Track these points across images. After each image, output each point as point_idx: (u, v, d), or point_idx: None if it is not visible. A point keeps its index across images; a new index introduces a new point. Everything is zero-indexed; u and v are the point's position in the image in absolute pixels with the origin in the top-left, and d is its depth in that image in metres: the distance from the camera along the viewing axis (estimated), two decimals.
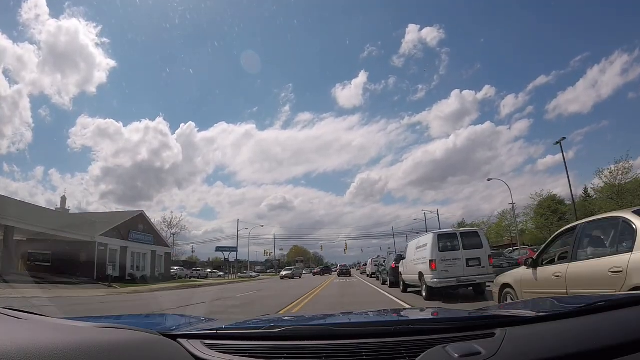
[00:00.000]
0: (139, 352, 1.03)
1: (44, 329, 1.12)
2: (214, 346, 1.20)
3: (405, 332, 1.25)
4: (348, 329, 1.41)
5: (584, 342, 1.08)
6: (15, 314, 1.23)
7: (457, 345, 1.09)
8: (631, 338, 1.06)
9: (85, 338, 1.02)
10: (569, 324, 1.24)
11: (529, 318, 1.33)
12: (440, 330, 1.27)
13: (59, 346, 0.90)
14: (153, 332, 1.23)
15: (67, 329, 1.18)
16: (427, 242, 10.43)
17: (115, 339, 1.05)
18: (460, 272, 9.59)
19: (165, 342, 1.16)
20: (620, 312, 1.29)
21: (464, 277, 9.60)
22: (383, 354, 1.12)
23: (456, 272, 9.57)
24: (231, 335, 1.35)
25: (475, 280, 9.68)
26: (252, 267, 72.34)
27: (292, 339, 1.25)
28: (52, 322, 1.25)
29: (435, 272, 9.63)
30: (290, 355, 1.14)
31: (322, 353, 1.13)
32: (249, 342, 1.25)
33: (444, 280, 9.57)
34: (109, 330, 1.16)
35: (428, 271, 9.88)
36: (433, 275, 9.68)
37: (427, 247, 10.19)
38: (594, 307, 1.36)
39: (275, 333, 1.29)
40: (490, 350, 1.04)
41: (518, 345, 1.09)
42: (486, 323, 1.31)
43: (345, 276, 36.67)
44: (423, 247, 10.70)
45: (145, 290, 21.16)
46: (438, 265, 9.62)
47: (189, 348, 1.17)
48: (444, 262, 9.64)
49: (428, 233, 11.68)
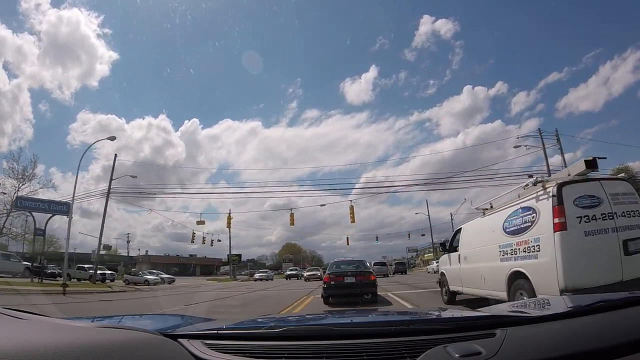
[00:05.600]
0: (140, 352, 1.03)
1: (44, 329, 1.12)
2: (215, 346, 1.20)
3: (405, 332, 1.25)
4: (348, 329, 1.41)
5: (584, 342, 1.08)
6: (15, 314, 1.23)
7: (458, 345, 1.09)
8: (631, 338, 1.07)
9: (86, 338, 1.02)
10: (569, 324, 1.24)
11: (530, 318, 1.33)
12: (440, 330, 1.28)
13: (59, 346, 0.90)
14: (153, 332, 1.23)
15: (68, 329, 1.18)
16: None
17: (116, 339, 1.05)
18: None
19: (165, 342, 1.16)
20: (620, 312, 1.29)
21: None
22: (383, 354, 1.12)
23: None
24: (232, 335, 1.35)
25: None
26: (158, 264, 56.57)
27: (293, 339, 1.25)
28: (52, 322, 1.25)
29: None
30: (290, 355, 1.15)
31: (322, 353, 1.14)
32: (249, 342, 1.25)
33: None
34: (109, 330, 1.16)
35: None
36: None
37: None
38: (594, 307, 1.37)
39: (275, 333, 1.29)
40: (490, 350, 1.04)
41: (518, 345, 1.10)
42: (486, 323, 1.31)
43: None
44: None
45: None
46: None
47: (190, 348, 1.17)
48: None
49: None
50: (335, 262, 12.93)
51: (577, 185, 5.32)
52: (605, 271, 4.85)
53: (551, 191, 5.25)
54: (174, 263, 69.40)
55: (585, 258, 4.86)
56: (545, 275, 5.08)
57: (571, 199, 5.09)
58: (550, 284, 4.94)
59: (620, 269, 4.88)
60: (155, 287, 28.90)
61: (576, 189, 5.22)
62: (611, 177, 6.05)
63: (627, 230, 5.06)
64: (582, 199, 5.11)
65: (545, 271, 5.09)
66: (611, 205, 5.12)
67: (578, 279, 4.77)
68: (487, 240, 6.80)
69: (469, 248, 7.79)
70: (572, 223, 4.97)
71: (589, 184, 5.35)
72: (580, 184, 5.36)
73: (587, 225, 4.99)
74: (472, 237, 7.76)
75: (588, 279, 4.76)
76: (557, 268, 4.87)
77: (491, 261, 6.49)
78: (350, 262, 12.59)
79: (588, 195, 5.14)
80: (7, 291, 14.07)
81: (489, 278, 6.55)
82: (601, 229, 5.01)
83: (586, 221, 5.00)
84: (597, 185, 5.28)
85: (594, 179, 5.51)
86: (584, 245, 4.91)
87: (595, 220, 5.02)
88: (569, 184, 5.30)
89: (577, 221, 4.99)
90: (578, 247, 4.90)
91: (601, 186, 5.26)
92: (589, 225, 4.99)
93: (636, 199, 5.35)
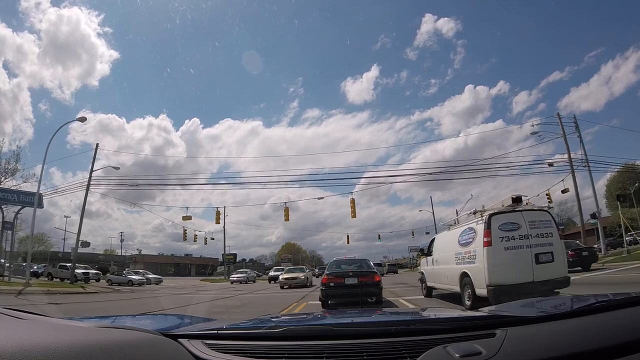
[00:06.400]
0: (140, 352, 1.03)
1: (44, 329, 1.12)
2: (215, 346, 1.20)
3: (405, 332, 1.26)
4: (349, 329, 1.41)
5: (584, 342, 1.08)
6: (15, 313, 1.23)
7: (458, 345, 1.09)
8: (631, 338, 1.07)
9: (86, 338, 1.02)
10: (569, 324, 1.24)
11: (530, 318, 1.33)
12: (440, 330, 1.28)
13: (59, 346, 0.90)
14: (154, 332, 1.23)
15: (68, 329, 1.18)
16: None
17: (116, 339, 1.05)
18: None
19: (165, 342, 1.16)
20: (620, 312, 1.29)
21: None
22: (384, 354, 1.12)
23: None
24: (232, 335, 1.35)
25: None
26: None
27: (293, 339, 1.25)
28: (52, 322, 1.25)
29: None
30: (291, 355, 1.15)
31: (322, 353, 1.14)
32: (250, 342, 1.25)
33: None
34: (109, 330, 1.16)
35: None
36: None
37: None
38: (594, 307, 1.37)
39: (276, 333, 1.29)
40: (491, 350, 1.04)
41: (519, 345, 1.10)
42: (487, 323, 1.32)
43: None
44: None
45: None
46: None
47: (190, 348, 1.17)
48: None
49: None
50: (335, 261, 11.65)
51: (503, 215, 7.44)
52: (520, 274, 6.95)
53: (484, 219, 7.40)
54: (169, 263, 68.64)
55: (503, 265, 7.00)
56: (479, 275, 7.24)
57: (497, 225, 7.24)
58: (482, 281, 7.11)
59: (532, 273, 6.99)
60: (140, 287, 27.70)
61: (501, 218, 7.36)
62: (532, 208, 8.02)
63: (538, 247, 7.16)
64: (505, 225, 7.26)
65: (479, 272, 7.26)
66: (528, 229, 7.23)
67: (498, 278, 6.91)
68: (449, 248, 9.00)
69: (438, 253, 10.05)
70: (495, 241, 7.13)
71: (513, 213, 7.45)
72: (505, 214, 7.46)
73: (507, 243, 7.15)
74: (441, 245, 9.98)
75: (505, 279, 6.88)
76: (485, 271, 7.04)
77: (451, 264, 8.69)
78: (351, 261, 11.52)
79: (510, 222, 7.28)
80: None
81: (449, 276, 8.74)
82: (518, 245, 7.13)
83: (506, 240, 7.16)
84: (519, 214, 7.41)
85: (516, 210, 7.56)
86: (503, 257, 7.06)
87: (514, 240, 7.15)
88: (496, 214, 7.45)
89: (499, 240, 7.15)
90: (498, 258, 7.05)
91: (522, 215, 7.39)
92: (508, 243, 7.15)
93: (550, 224, 7.43)
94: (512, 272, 6.90)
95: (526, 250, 7.06)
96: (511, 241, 7.11)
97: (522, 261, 6.99)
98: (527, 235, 7.15)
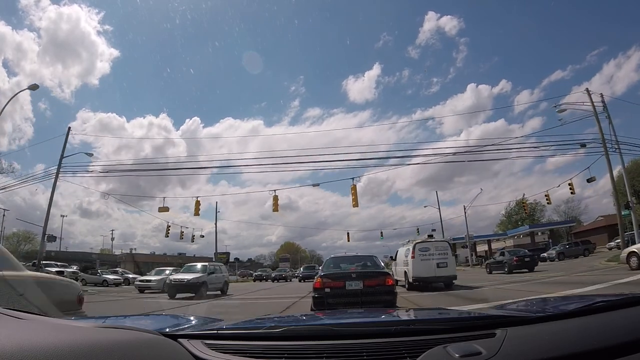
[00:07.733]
0: (140, 352, 1.02)
1: (44, 329, 1.12)
2: (215, 346, 1.20)
3: (405, 332, 1.26)
4: (349, 329, 1.41)
5: (584, 342, 1.08)
6: (15, 314, 1.23)
7: (458, 346, 1.09)
8: (631, 338, 1.07)
9: (86, 338, 1.01)
10: (569, 324, 1.24)
11: (530, 318, 1.33)
12: (440, 330, 1.28)
13: (59, 346, 0.89)
14: (153, 332, 1.22)
15: (68, 329, 1.17)
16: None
17: (116, 339, 1.05)
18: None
19: (165, 342, 1.16)
20: (620, 312, 1.29)
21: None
22: (384, 354, 1.12)
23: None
24: (232, 335, 1.35)
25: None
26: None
27: (293, 339, 1.25)
28: (52, 322, 1.25)
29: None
30: (291, 355, 1.15)
31: (323, 353, 1.14)
32: (249, 342, 1.25)
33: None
34: (109, 330, 1.15)
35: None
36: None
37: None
38: (594, 307, 1.37)
39: (276, 333, 1.29)
40: (490, 350, 1.04)
41: (518, 345, 1.10)
42: (486, 323, 1.32)
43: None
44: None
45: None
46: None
47: (190, 348, 1.17)
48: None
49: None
50: (333, 258, 8.89)
51: (421, 243, 14.92)
52: (428, 272, 13.78)
53: (412, 245, 14.73)
54: (161, 262, 68.08)
55: (419, 268, 13.98)
56: (410, 273, 14.20)
57: (418, 248, 14.37)
58: (411, 275, 14.06)
59: (435, 272, 13.83)
60: (116, 288, 25.72)
61: (421, 245, 14.67)
62: (437, 240, 16.37)
63: (438, 259, 14.07)
64: (422, 249, 14.32)
65: (410, 271, 14.24)
66: (433, 250, 14.25)
67: (417, 274, 13.89)
68: (401, 257, 16.09)
69: (398, 259, 16.88)
70: (416, 256, 14.14)
71: (426, 242, 14.99)
72: (423, 242, 15.06)
73: (422, 256, 14.12)
74: (399, 255, 16.88)
75: (421, 274, 13.87)
76: (410, 270, 14.24)
77: (401, 266, 15.88)
78: (354, 258, 8.84)
79: (424, 247, 14.39)
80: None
81: (399, 273, 16.01)
82: (427, 258, 14.06)
83: (422, 255, 14.14)
84: (430, 243, 14.84)
85: (429, 240, 15.41)
86: (420, 264, 14.01)
87: (426, 255, 14.12)
88: (418, 243, 14.96)
89: (419, 255, 14.16)
90: (417, 264, 14.04)
91: (432, 244, 14.77)
92: (423, 257, 14.11)
93: (447, 248, 14.86)
94: (424, 272, 13.74)
95: (432, 260, 13.91)
96: (424, 256, 14.03)
97: (429, 266, 13.78)
98: (433, 254, 14.08)
